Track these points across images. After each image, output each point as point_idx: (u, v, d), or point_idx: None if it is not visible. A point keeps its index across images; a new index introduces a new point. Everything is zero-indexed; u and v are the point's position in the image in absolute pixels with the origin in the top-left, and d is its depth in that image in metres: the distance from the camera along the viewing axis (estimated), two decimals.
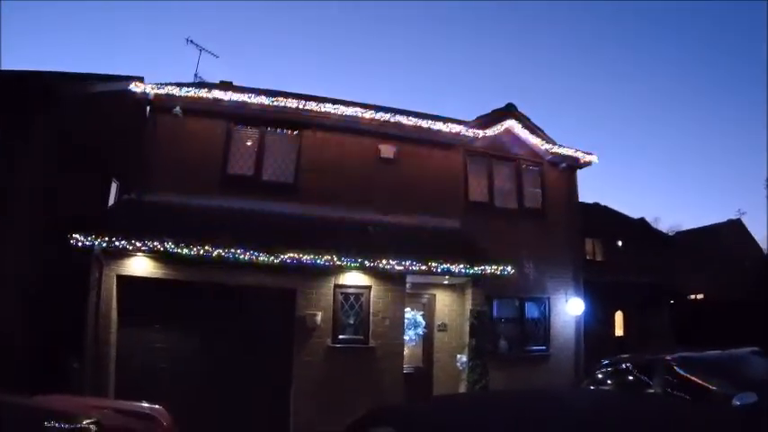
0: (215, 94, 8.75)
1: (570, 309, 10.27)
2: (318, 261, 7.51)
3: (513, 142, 10.55)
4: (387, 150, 9.49)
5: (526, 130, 10.57)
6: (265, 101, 8.89)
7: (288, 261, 7.35)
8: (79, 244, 6.72)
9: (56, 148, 8.11)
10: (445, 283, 9.23)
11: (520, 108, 10.78)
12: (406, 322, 8.38)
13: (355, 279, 8.03)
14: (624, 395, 4.10)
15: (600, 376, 6.63)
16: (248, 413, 7.28)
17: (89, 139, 8.96)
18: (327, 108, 9.14)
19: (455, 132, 9.80)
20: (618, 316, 17.16)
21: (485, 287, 8.70)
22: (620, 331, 17.04)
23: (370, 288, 8.09)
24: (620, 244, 19.56)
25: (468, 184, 10.13)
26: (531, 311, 10.13)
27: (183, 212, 7.96)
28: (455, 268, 8.03)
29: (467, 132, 9.89)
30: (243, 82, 10.65)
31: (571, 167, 11.13)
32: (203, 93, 8.71)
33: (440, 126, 9.72)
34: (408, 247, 8.20)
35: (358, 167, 9.33)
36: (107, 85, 9.16)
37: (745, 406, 4.20)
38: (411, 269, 7.93)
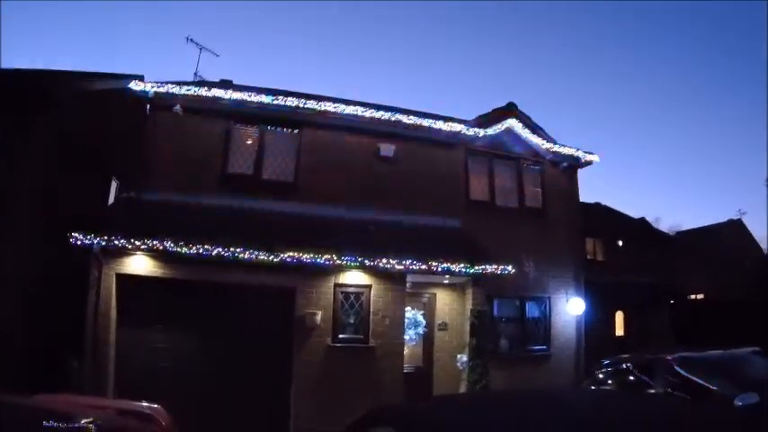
0: (215, 92, 8.74)
1: (571, 308, 10.25)
2: (318, 260, 7.50)
3: (514, 141, 10.53)
4: (387, 149, 9.46)
5: (527, 129, 10.54)
6: (265, 99, 8.88)
7: (287, 260, 7.34)
8: (78, 243, 6.72)
9: (56, 147, 8.10)
10: (446, 282, 9.22)
11: (520, 108, 10.77)
12: (406, 321, 8.37)
13: (355, 278, 8.02)
14: (625, 395, 4.08)
15: (600, 376, 6.62)
16: (248, 412, 7.26)
17: (89, 139, 8.96)
18: (327, 107, 9.13)
19: (456, 131, 9.79)
20: (618, 316, 17.14)
21: (485, 286, 8.69)
22: (620, 331, 17.01)
23: (370, 287, 8.08)
24: (620, 244, 19.55)
25: (469, 183, 10.11)
26: (532, 311, 10.11)
27: (183, 211, 7.96)
28: (455, 267, 8.02)
29: (467, 131, 9.88)
30: (243, 81, 10.63)
31: (572, 167, 11.11)
32: (203, 91, 8.70)
33: (440, 125, 9.71)
34: (409, 246, 8.19)
35: (358, 166, 9.32)
36: (107, 83, 9.15)
37: (747, 407, 4.18)
38: (411, 268, 7.92)
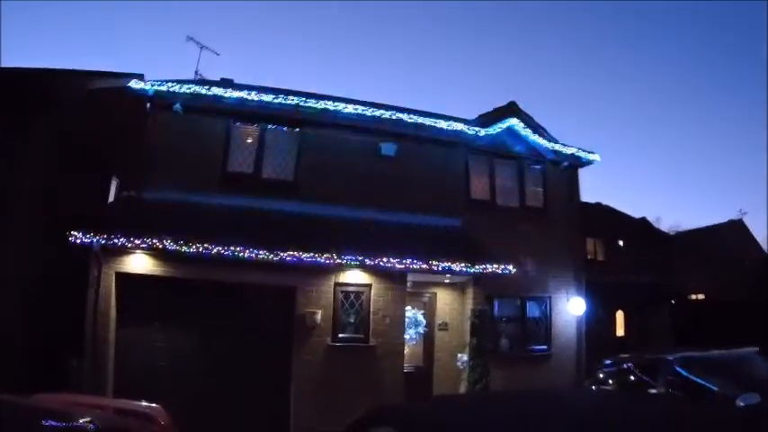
0: (215, 91, 8.73)
1: (571, 308, 10.23)
2: (318, 259, 7.49)
3: (515, 141, 10.51)
4: (387, 148, 9.44)
5: (528, 128, 10.51)
6: (266, 98, 8.87)
7: (288, 259, 7.33)
8: (78, 241, 6.72)
9: (56, 147, 8.10)
10: (446, 281, 9.20)
11: (521, 107, 10.74)
12: (406, 321, 8.36)
13: (356, 277, 8.00)
14: (625, 395, 4.07)
15: (601, 376, 6.61)
16: (248, 412, 7.26)
17: (89, 138, 8.94)
18: (328, 105, 9.11)
19: (457, 130, 9.76)
20: (619, 316, 17.13)
21: (486, 286, 8.68)
22: (620, 331, 17.01)
23: (370, 286, 8.06)
24: (621, 244, 19.55)
25: (470, 182, 10.09)
26: (533, 311, 10.10)
27: (183, 210, 7.94)
28: (456, 267, 8.00)
29: (468, 130, 9.86)
30: (243, 80, 10.63)
31: (573, 166, 11.08)
32: (203, 90, 8.69)
33: (441, 124, 9.69)
34: (409, 246, 8.17)
35: (359, 165, 9.29)
36: (107, 82, 9.15)
37: (749, 407, 4.16)
38: (412, 267, 7.91)
